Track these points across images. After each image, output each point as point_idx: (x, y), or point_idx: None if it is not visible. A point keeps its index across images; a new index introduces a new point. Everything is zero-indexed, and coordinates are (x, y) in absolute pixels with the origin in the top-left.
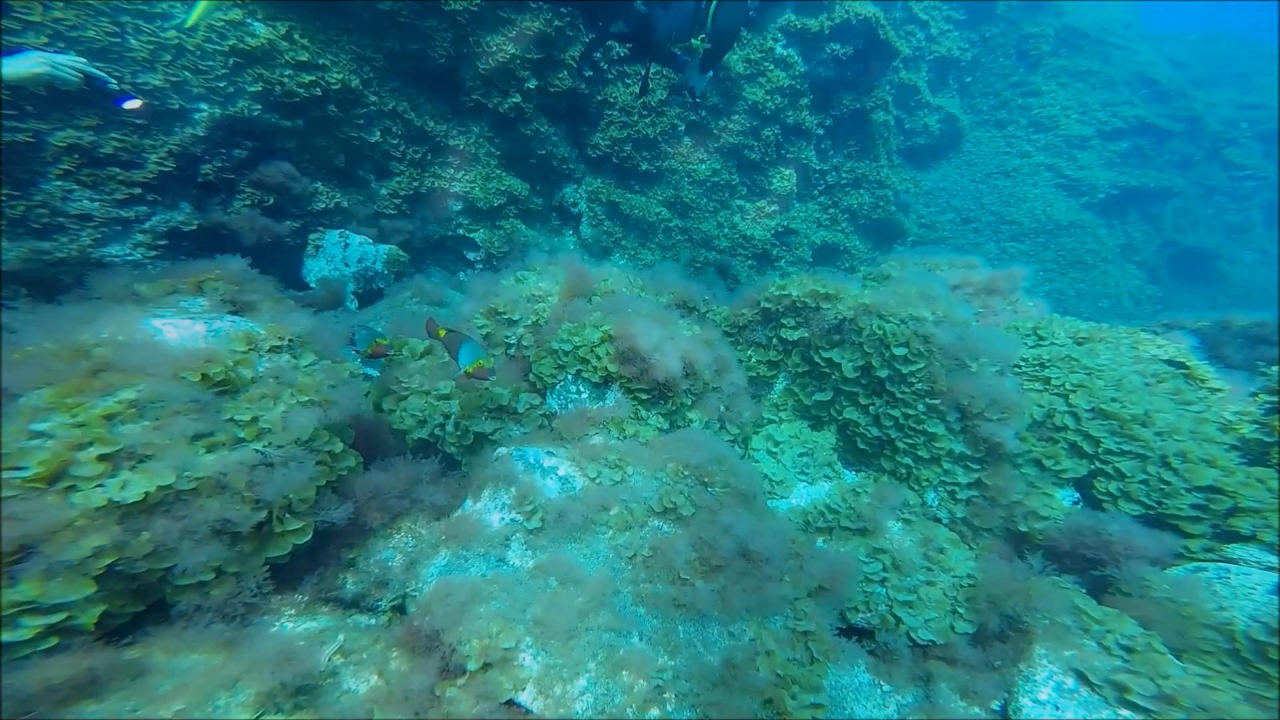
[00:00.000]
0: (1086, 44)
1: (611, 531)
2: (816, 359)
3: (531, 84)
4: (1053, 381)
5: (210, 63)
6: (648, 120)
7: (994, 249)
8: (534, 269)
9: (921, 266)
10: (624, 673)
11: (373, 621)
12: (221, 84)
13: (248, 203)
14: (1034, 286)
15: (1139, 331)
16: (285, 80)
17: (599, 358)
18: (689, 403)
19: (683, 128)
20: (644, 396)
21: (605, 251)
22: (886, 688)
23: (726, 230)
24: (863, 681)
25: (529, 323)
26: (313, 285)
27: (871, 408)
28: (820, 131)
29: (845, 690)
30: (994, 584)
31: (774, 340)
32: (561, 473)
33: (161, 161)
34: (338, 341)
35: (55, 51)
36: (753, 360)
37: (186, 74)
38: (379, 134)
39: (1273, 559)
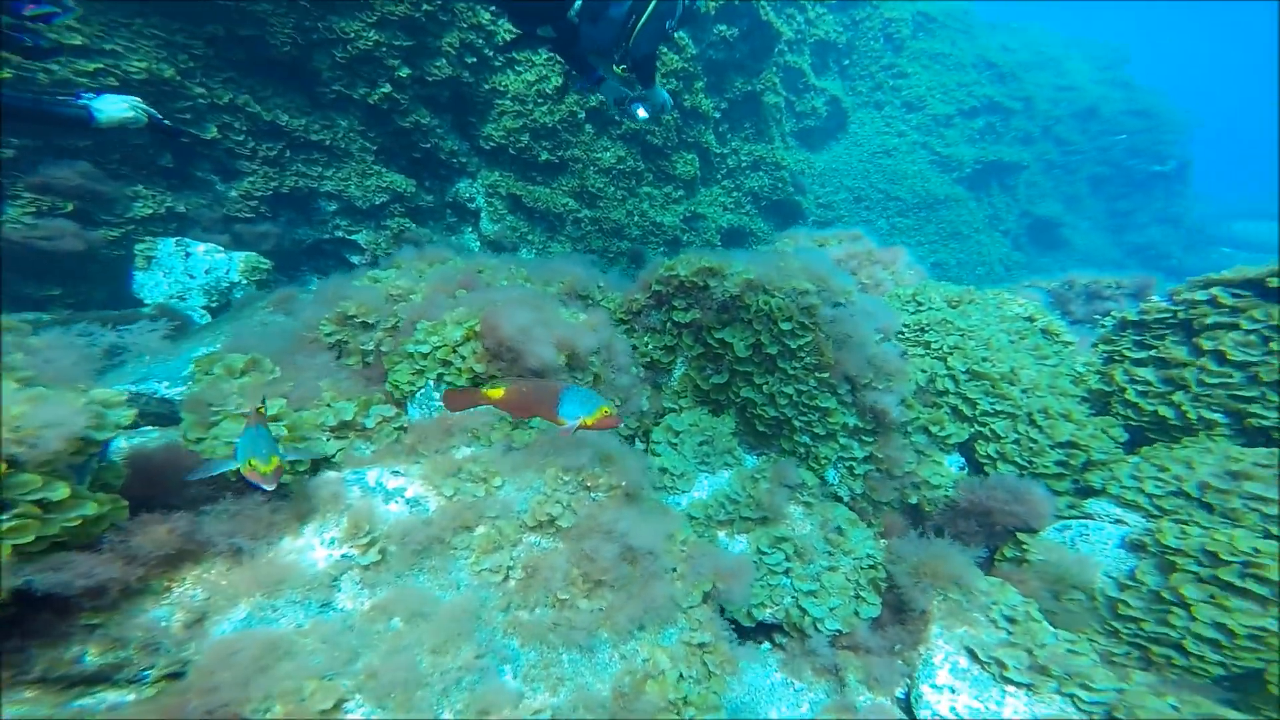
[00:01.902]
0: (936, 28)
1: (475, 555)
2: (710, 340)
3: (404, 72)
4: (932, 345)
5: None
6: (544, 109)
7: (885, 225)
8: (395, 265)
9: (812, 242)
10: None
11: (130, 697)
12: None
13: (30, 211)
14: (922, 258)
15: (1003, 292)
16: (53, 69)
17: (463, 358)
18: None
19: (582, 115)
20: None
21: (513, 247)
22: (799, 685)
23: (637, 218)
24: (775, 682)
25: (388, 325)
26: (147, 304)
27: (766, 386)
28: (717, 115)
29: (758, 693)
30: (892, 563)
31: (668, 324)
32: (411, 493)
33: None
34: (84, 365)
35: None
36: (649, 346)
37: None
38: (215, 130)
39: (1120, 512)
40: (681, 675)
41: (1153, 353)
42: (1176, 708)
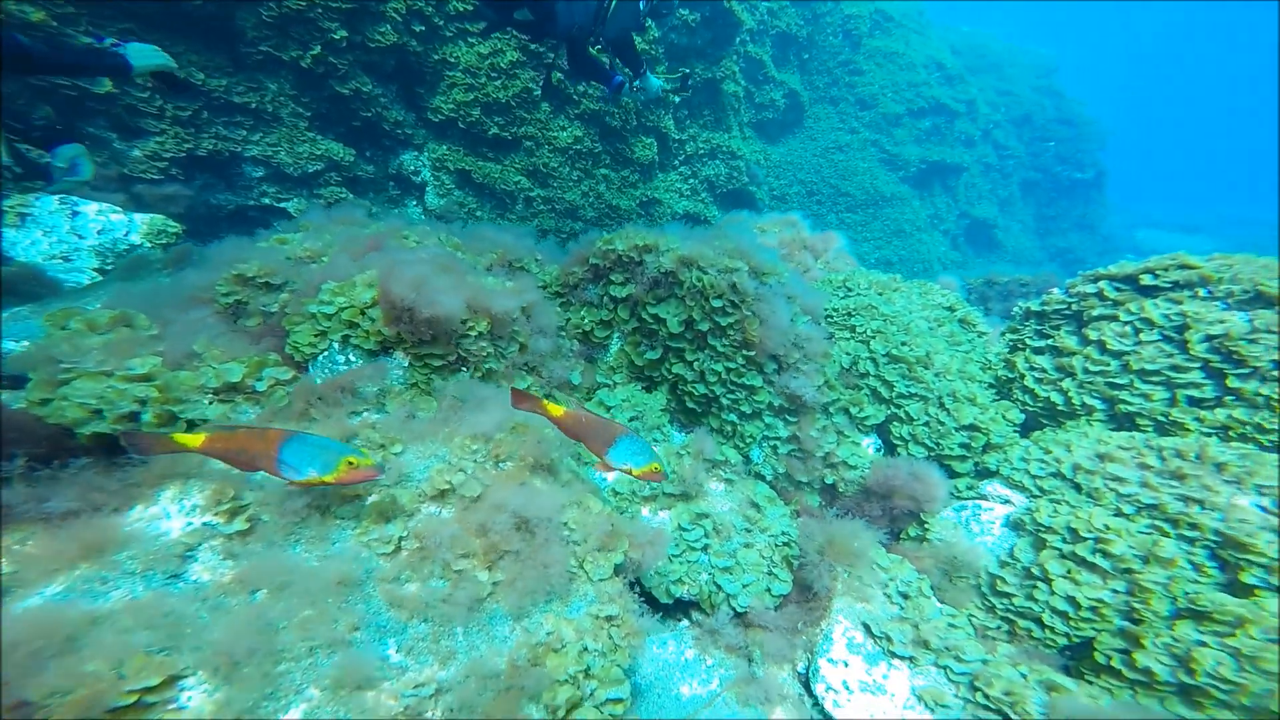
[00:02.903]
0: (893, 26)
1: (364, 524)
2: (645, 315)
3: (339, 34)
4: (857, 329)
5: None
6: (497, 84)
7: (834, 220)
8: (303, 227)
9: (751, 227)
10: (367, 694)
11: None
12: None
13: None
14: (866, 254)
15: (928, 282)
16: None
17: (372, 320)
18: (497, 367)
19: (538, 92)
20: (436, 363)
21: (461, 223)
22: (711, 662)
23: (592, 200)
24: (689, 659)
25: (295, 288)
26: (11, 263)
27: (697, 363)
28: (677, 100)
29: (672, 670)
30: (804, 540)
31: (605, 298)
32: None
33: None
34: None
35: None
36: (586, 321)
37: None
38: (109, 84)
39: (1009, 492)
40: (586, 648)
41: (1050, 341)
42: (1025, 675)
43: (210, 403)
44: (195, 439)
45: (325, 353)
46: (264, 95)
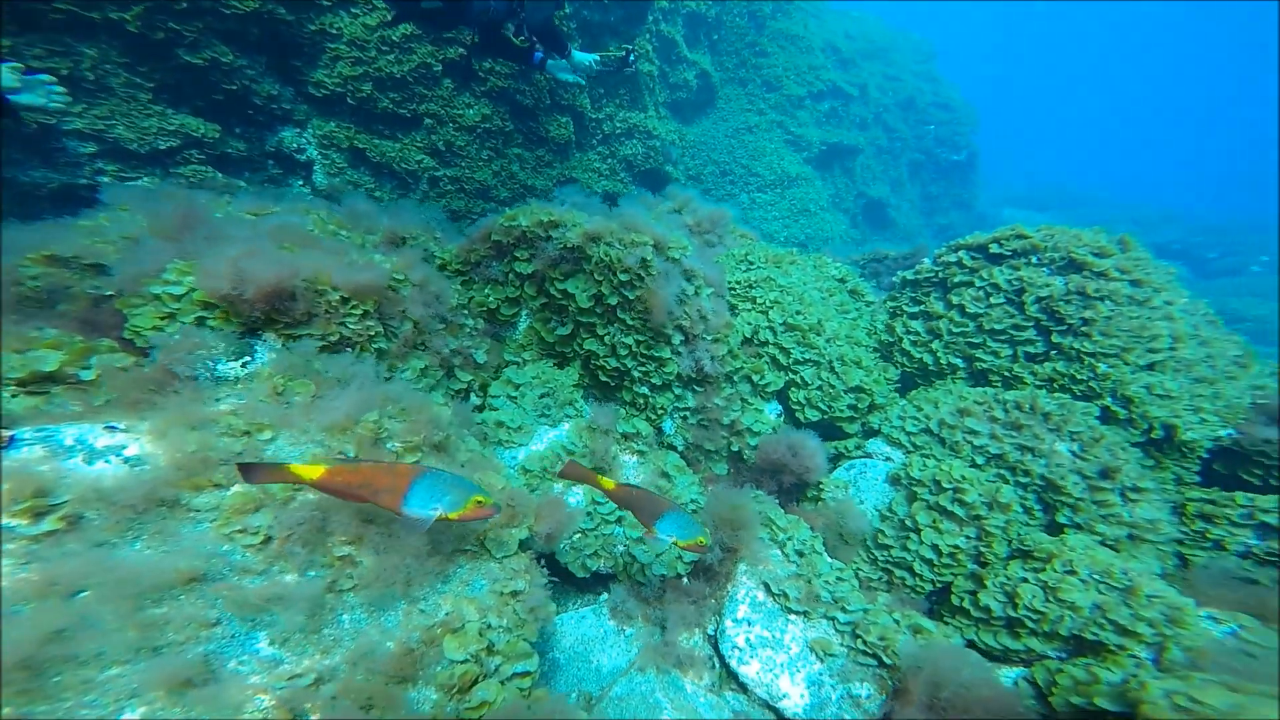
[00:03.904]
0: (793, 9)
1: (225, 516)
2: (553, 291)
3: None
4: (758, 301)
5: None
6: (390, 58)
7: (746, 199)
8: (122, 207)
9: (652, 204)
10: (228, 690)
11: None
12: None
13: None
14: (777, 232)
15: (823, 255)
16: None
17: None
18: (388, 346)
19: (439, 68)
20: (314, 344)
21: (353, 202)
22: (629, 631)
23: (505, 179)
24: (607, 629)
25: (129, 269)
26: None
27: (608, 337)
28: (629, 71)
29: (589, 642)
30: (713, 506)
31: (510, 275)
32: (133, 451)
33: None
34: None
35: None
36: (491, 298)
37: None
38: None
39: (889, 450)
40: (489, 625)
41: (922, 307)
42: (898, 621)
43: (12, 394)
44: (314, 470)
45: (175, 337)
46: (79, 62)
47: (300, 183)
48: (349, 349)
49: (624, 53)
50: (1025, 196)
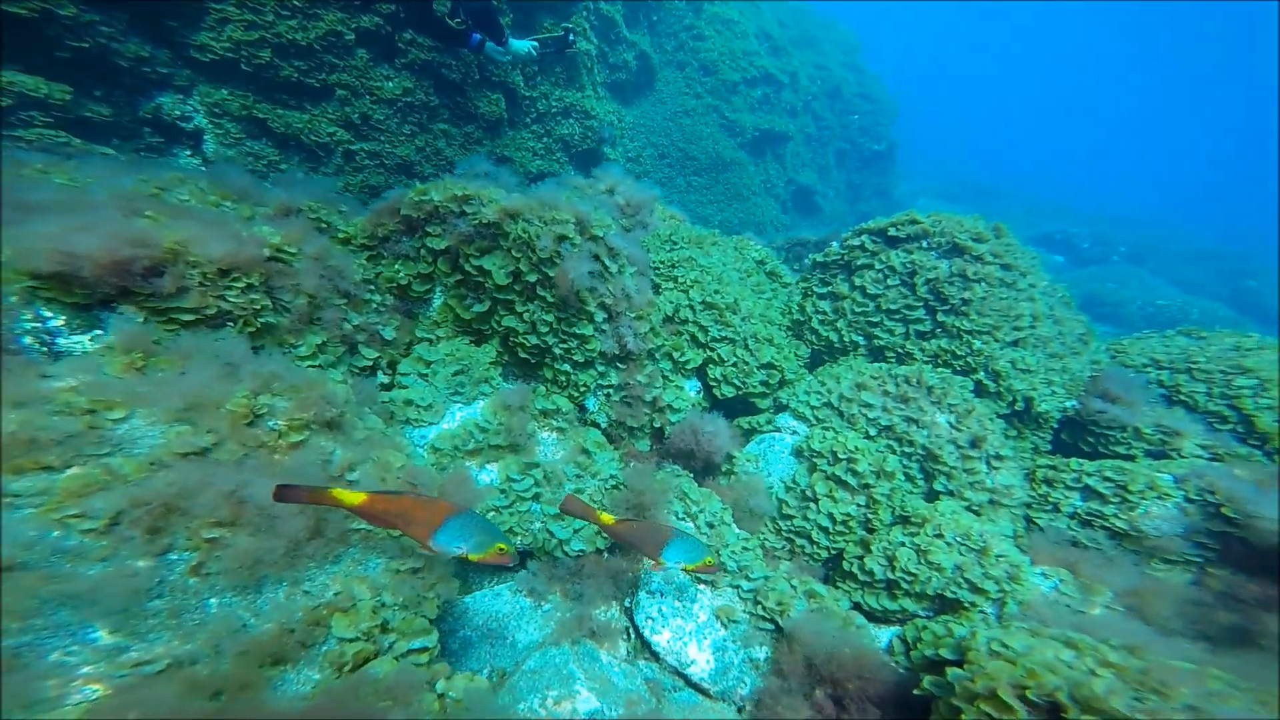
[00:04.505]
0: None
1: (57, 499)
2: (468, 268)
3: None
4: (680, 280)
5: None
6: (293, 23)
7: (683, 183)
8: None
9: (575, 184)
10: (45, 684)
11: None
12: None
13: None
14: (711, 216)
15: (744, 238)
16: None
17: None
18: (279, 321)
19: (351, 37)
20: (186, 318)
21: (260, 177)
22: (546, 606)
23: (430, 155)
24: (523, 606)
25: None
26: None
27: (527, 314)
28: (572, 52)
29: (506, 618)
30: (632, 482)
31: (422, 251)
32: None
33: None
34: None
35: None
36: (402, 274)
37: None
38: None
39: (795, 424)
40: (384, 603)
41: (829, 288)
42: (794, 586)
43: None
44: (356, 497)
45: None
46: None
47: (188, 153)
48: (230, 324)
49: (563, 32)
50: (940, 188)
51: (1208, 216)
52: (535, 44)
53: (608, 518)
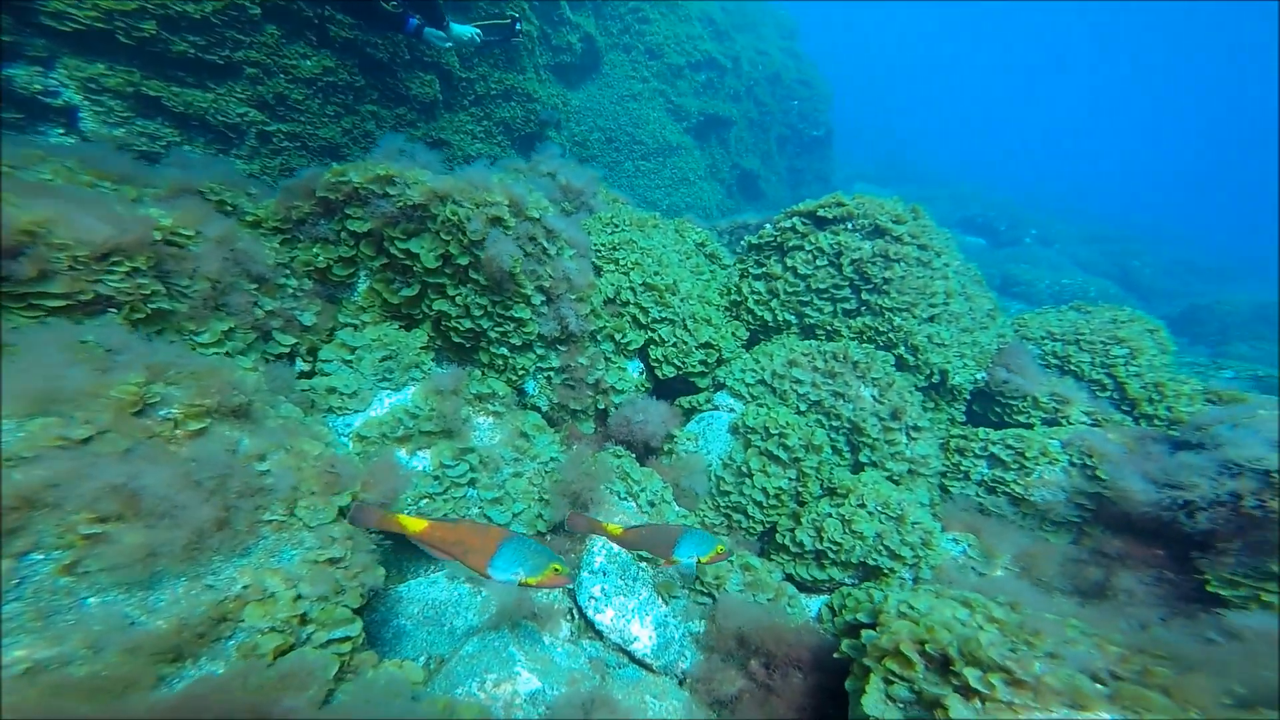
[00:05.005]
0: None
1: None
2: (394, 251)
3: None
4: (620, 262)
5: None
6: None
7: (631, 167)
8: None
9: (512, 167)
10: None
11: None
12: None
13: None
14: (659, 200)
15: (686, 221)
16: None
17: None
18: (174, 307)
19: (257, 11)
20: (53, 303)
21: (155, 158)
22: (485, 593)
23: (359, 137)
24: (461, 592)
25: None
26: None
27: (460, 298)
28: (515, 41)
29: (444, 605)
30: (573, 464)
31: (343, 234)
32: None
33: None
34: None
35: None
36: (321, 258)
37: None
38: None
39: (732, 402)
40: (301, 595)
41: (764, 269)
42: (731, 561)
43: None
44: (419, 524)
45: None
46: None
47: (60, 131)
48: (113, 310)
49: (509, 20)
50: (876, 174)
51: (1104, 200)
52: (479, 31)
53: (615, 529)
